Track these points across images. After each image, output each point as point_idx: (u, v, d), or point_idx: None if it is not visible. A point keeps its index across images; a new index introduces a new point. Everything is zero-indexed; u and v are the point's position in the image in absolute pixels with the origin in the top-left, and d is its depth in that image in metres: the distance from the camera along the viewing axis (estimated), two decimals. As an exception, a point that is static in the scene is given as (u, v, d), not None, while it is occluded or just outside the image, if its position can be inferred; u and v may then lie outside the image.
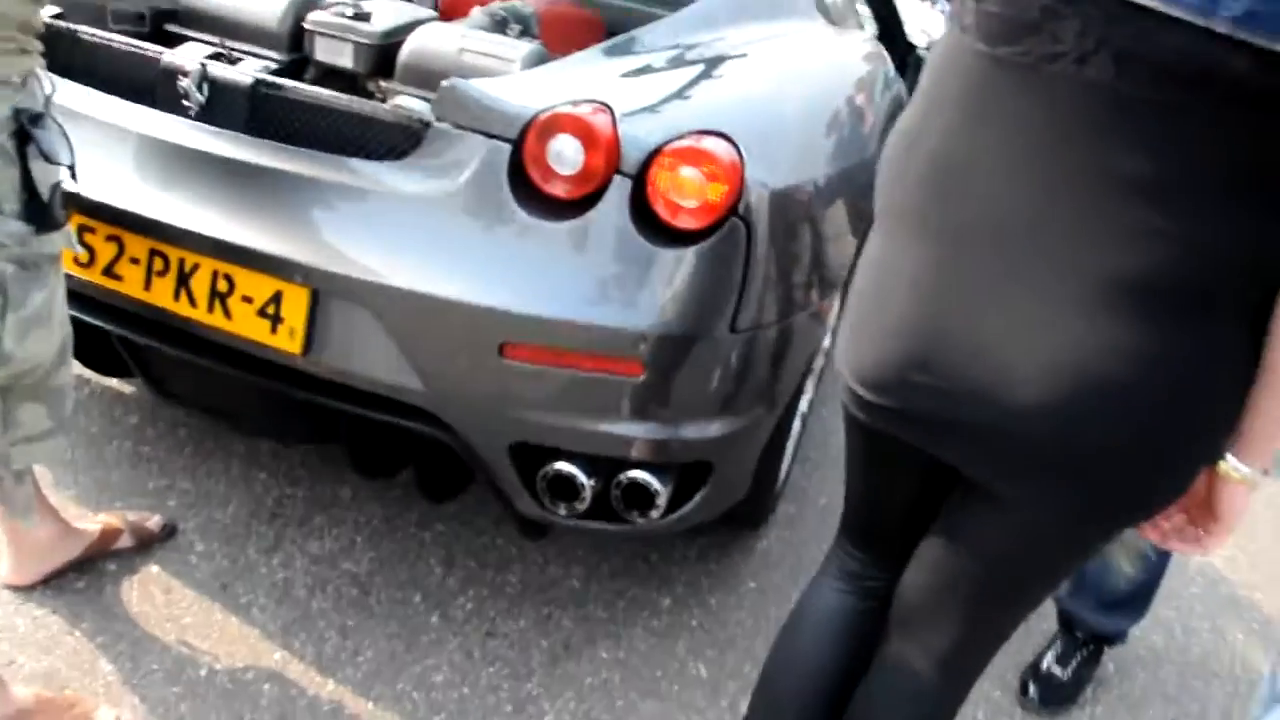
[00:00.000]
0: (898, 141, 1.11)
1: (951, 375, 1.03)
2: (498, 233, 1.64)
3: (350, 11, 2.19)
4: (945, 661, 1.26)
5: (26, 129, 1.36)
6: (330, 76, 2.27)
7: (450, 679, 1.90)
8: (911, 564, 1.28)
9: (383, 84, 2.19)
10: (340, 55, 2.20)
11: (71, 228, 1.75)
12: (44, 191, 1.41)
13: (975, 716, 2.05)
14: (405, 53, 2.13)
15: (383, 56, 2.21)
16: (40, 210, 1.41)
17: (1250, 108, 0.84)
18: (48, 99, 1.44)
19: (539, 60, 2.10)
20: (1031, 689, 2.10)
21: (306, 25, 2.21)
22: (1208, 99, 0.84)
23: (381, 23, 2.20)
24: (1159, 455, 0.99)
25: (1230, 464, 1.01)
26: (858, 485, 1.35)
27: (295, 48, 2.26)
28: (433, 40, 2.13)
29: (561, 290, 1.62)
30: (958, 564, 1.19)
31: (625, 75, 1.89)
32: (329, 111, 1.75)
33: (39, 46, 1.43)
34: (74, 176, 1.46)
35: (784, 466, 2.32)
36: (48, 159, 1.38)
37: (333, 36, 2.18)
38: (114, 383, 2.49)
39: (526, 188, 1.64)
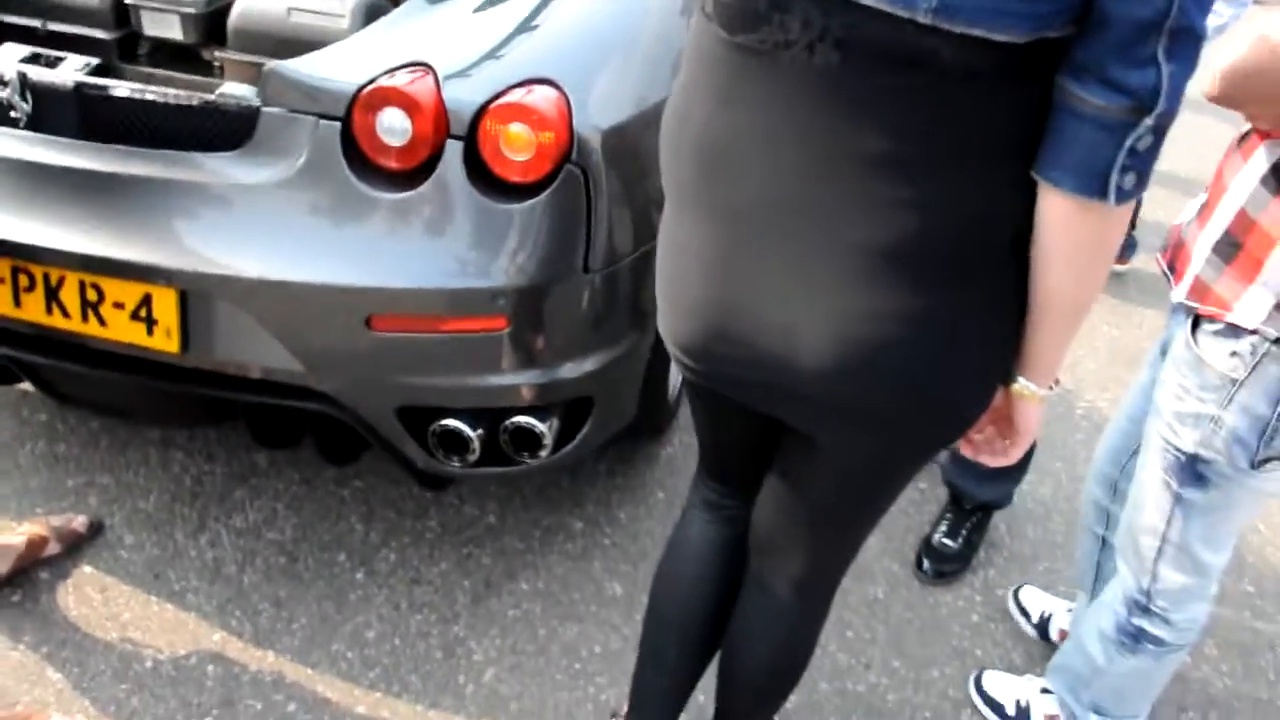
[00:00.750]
0: (670, 120, 1.13)
1: (746, 345, 1.10)
2: (342, 211, 1.67)
3: (172, -23, 2.14)
4: (799, 583, 1.37)
5: None
6: (163, 50, 2.24)
7: (381, 633, 2.01)
8: (758, 499, 1.37)
9: (218, 53, 2.16)
10: (168, 27, 2.16)
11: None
12: None
13: (875, 592, 2.19)
14: (234, 17, 2.08)
15: (212, 23, 2.17)
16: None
17: (960, 84, 0.89)
18: None
19: (369, 10, 2.07)
20: (925, 563, 2.23)
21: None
22: (923, 80, 0.90)
23: (205, -13, 2.15)
24: (944, 400, 1.08)
25: (1021, 384, 1.10)
26: (702, 430, 1.42)
27: (122, 22, 2.21)
28: (259, 1, 2.09)
29: (413, 259, 1.66)
30: (792, 501, 1.29)
31: (455, 22, 1.87)
32: (157, 106, 1.73)
33: None
34: None
35: (675, 374, 2.39)
36: None
37: (156, 9, 2.13)
38: (20, 384, 2.51)
39: (363, 162, 1.67)
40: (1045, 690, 1.91)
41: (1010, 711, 1.91)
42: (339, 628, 2.01)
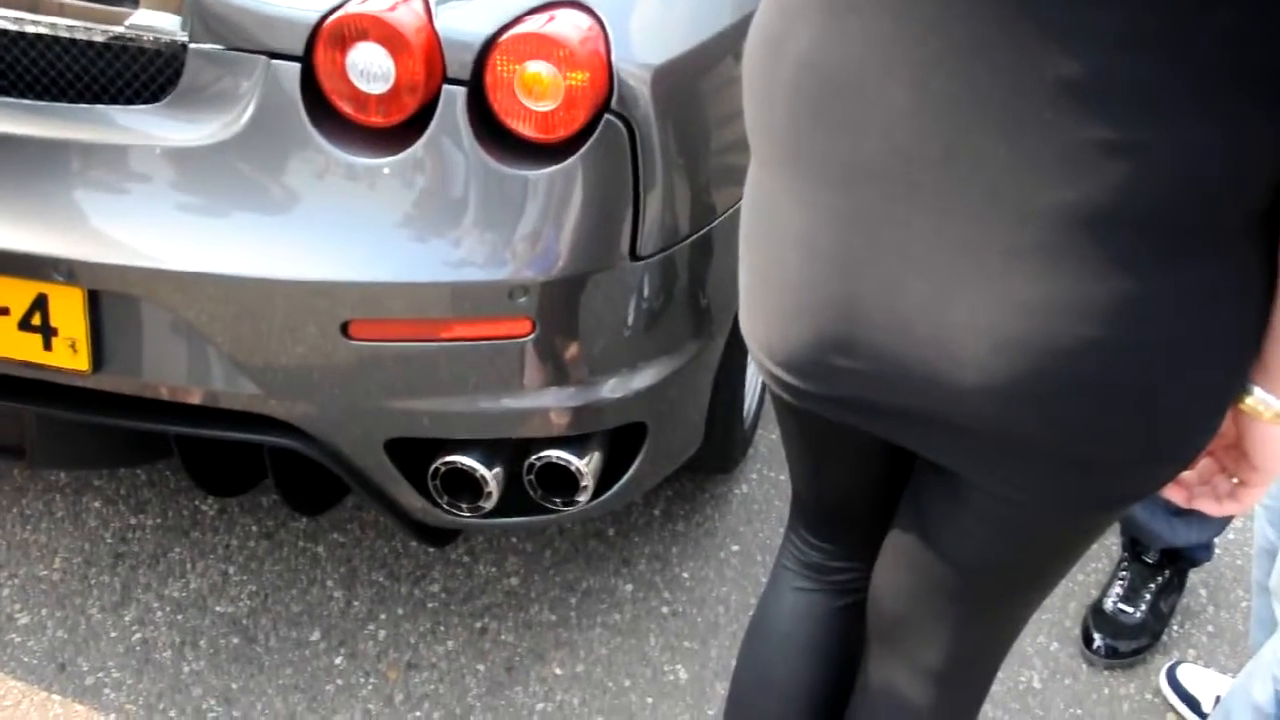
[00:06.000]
0: (757, 46, 1.08)
1: (879, 358, 1.03)
2: (304, 181, 1.66)
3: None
4: (939, 677, 1.29)
5: None
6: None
7: (367, 737, 1.99)
8: (879, 562, 1.31)
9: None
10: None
11: None
12: None
13: (1029, 679, 2.12)
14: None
15: None
16: None
17: None
18: None
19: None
20: (1096, 639, 2.14)
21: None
22: None
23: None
24: (1164, 425, 1.01)
25: (1259, 399, 1.02)
26: (800, 469, 1.37)
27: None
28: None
29: (402, 245, 1.66)
30: (932, 563, 1.22)
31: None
32: (46, 43, 1.72)
33: None
34: None
35: (753, 391, 2.38)
36: None
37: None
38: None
39: (332, 116, 1.65)
40: None
41: None
42: (312, 732, 2.00)
